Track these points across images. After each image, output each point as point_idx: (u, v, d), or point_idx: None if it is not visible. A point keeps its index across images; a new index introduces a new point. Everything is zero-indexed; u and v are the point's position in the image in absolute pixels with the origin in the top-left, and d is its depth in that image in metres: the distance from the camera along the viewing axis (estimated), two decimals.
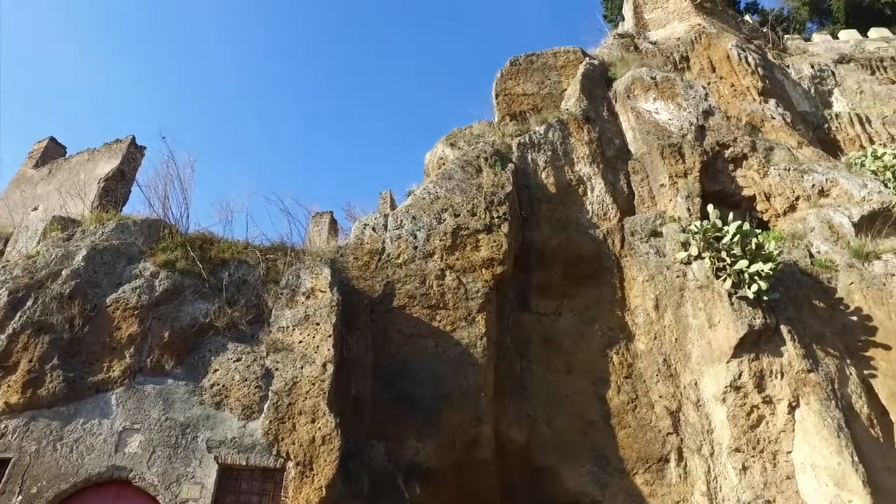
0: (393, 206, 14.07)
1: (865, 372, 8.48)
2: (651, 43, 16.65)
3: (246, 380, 7.14)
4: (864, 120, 15.65)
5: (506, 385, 8.65)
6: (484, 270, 8.92)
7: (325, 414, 6.81)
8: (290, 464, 6.57)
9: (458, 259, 9.02)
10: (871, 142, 14.94)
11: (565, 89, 13.77)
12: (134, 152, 13.92)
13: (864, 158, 12.95)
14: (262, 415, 6.89)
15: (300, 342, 7.47)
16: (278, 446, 6.66)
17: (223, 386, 7.11)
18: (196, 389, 7.06)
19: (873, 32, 21.09)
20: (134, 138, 13.96)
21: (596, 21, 27.58)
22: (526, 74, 14.27)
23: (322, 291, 8.01)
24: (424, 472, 7.42)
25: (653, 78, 13.17)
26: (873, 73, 17.90)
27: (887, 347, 8.58)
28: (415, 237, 9.25)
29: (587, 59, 14.57)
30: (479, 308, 8.54)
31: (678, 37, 16.83)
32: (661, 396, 8.69)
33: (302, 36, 74.52)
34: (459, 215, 9.48)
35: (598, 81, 13.82)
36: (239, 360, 7.36)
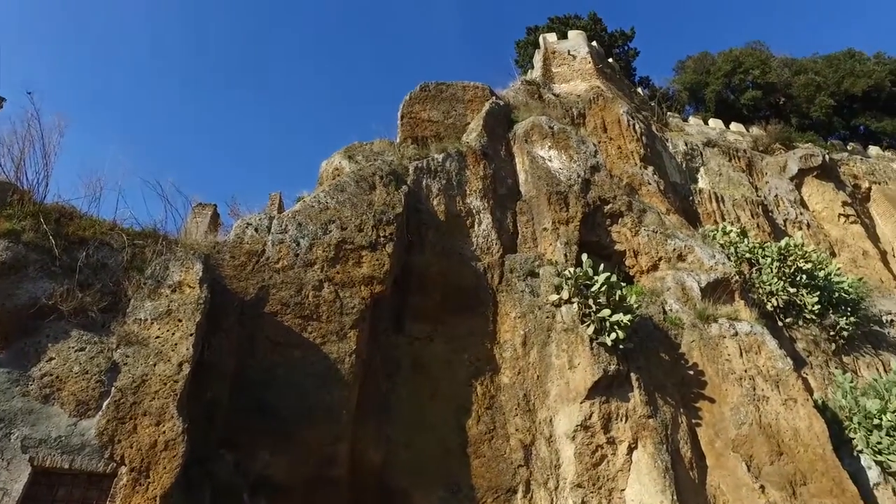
0: (281, 210, 13.60)
1: (693, 421, 9.42)
2: (554, 95, 17.76)
3: (87, 372, 6.44)
4: (719, 198, 17.69)
5: (369, 404, 8.55)
6: (363, 287, 8.85)
7: (172, 417, 6.31)
8: (124, 469, 5.96)
9: (338, 272, 8.88)
10: (723, 218, 16.92)
11: (469, 123, 14.23)
12: None
13: (716, 232, 14.62)
14: (100, 413, 6.23)
15: (157, 337, 6.90)
16: (112, 449, 6.03)
17: (57, 377, 6.37)
18: (21, 379, 6.25)
19: (734, 126, 24.14)
20: None
21: (507, 64, 28.97)
22: (434, 102, 14.58)
23: (190, 287, 7.49)
24: (273, 486, 7.10)
25: (551, 127, 13.99)
26: (730, 159, 20.39)
27: (712, 401, 9.62)
28: (298, 244, 8.99)
29: (494, 98, 15.20)
30: (353, 324, 8.43)
31: (579, 94, 18.11)
32: (517, 430, 9.02)
33: (218, 25, 70.91)
34: (346, 229, 9.36)
35: (501, 121, 14.44)
36: (82, 349, 6.64)
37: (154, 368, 6.59)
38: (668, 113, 23.80)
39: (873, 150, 25.50)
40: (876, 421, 10.16)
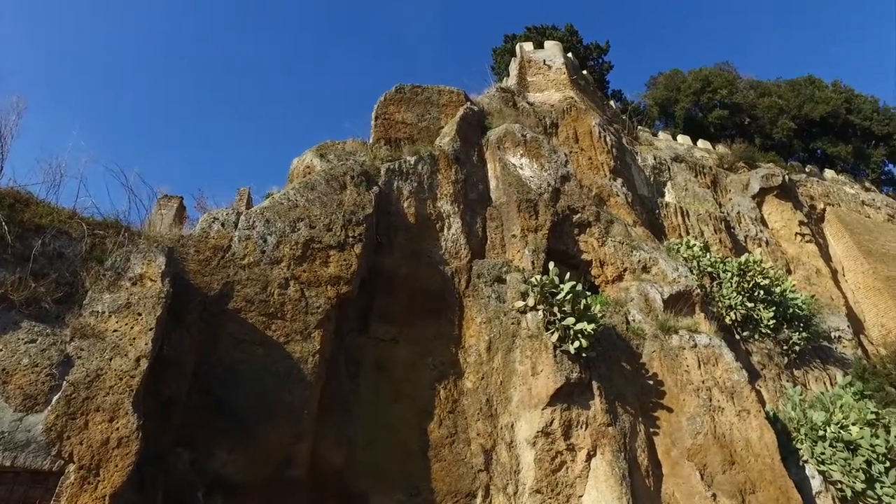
0: (249, 206, 13.39)
1: (651, 429, 9.62)
2: (528, 103, 17.95)
3: (37, 365, 6.19)
4: (685, 213, 18.14)
5: (331, 405, 8.48)
6: (329, 287, 8.78)
7: (127, 413, 6.12)
8: (72, 467, 5.73)
9: (305, 271, 8.79)
10: (688, 232, 17.35)
11: (443, 127, 14.27)
12: None
13: (680, 246, 14.99)
14: (49, 407, 5.99)
15: (115, 331, 6.69)
16: (61, 446, 5.80)
17: (3, 369, 6.10)
18: None
19: (701, 143, 24.84)
20: None
21: (483, 70, 29.11)
22: (408, 104, 14.58)
23: (152, 280, 7.29)
24: (230, 486, 6.95)
25: (524, 135, 14.13)
26: (696, 175, 20.95)
27: (671, 410, 9.84)
28: (265, 241, 8.86)
29: (469, 103, 15.28)
30: (318, 324, 8.35)
31: (553, 104, 18.35)
32: (478, 434, 9.06)
33: (194, 17, 69.43)
34: (315, 227, 9.28)
35: (475, 127, 14.52)
36: (33, 341, 6.38)
37: (110, 363, 6.39)
38: (639, 127, 24.32)
39: (829, 173, 26.56)
40: (821, 432, 10.57)
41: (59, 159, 8.35)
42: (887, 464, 9.90)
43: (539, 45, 22.18)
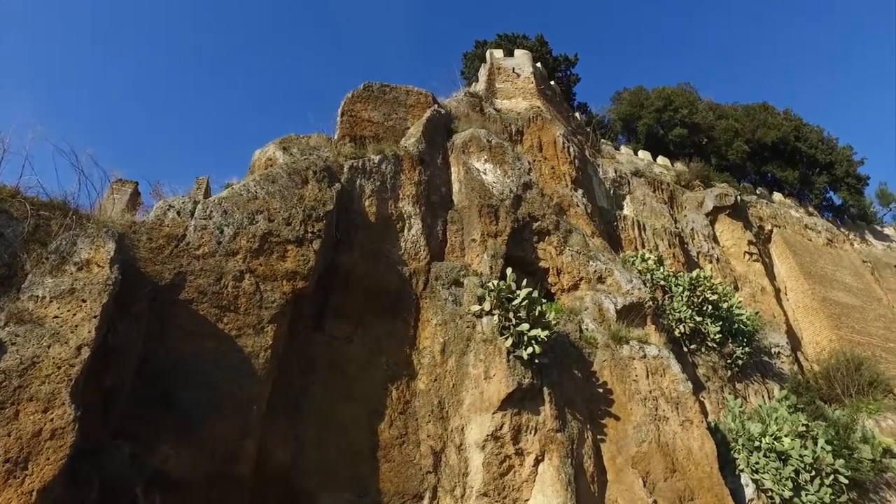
0: (207, 195, 13.07)
1: (598, 436, 9.82)
2: (496, 109, 18.11)
3: None
4: (642, 226, 18.61)
5: (281, 402, 8.34)
6: (285, 282, 8.63)
7: (64, 404, 5.84)
8: None
9: (261, 264, 8.62)
10: (644, 245, 17.80)
11: (409, 128, 14.25)
12: None
13: (635, 258, 15.37)
14: None
15: (55, 317, 6.39)
16: None
17: None
18: None
19: (660, 159, 25.57)
20: None
21: (452, 74, 29.23)
22: (376, 102, 14.51)
23: (100, 266, 7.01)
24: (171, 482, 6.72)
25: (489, 141, 14.24)
26: (655, 190, 21.53)
27: (618, 418, 10.07)
28: (221, 232, 8.65)
29: (436, 105, 15.31)
30: (272, 319, 8.20)
31: (519, 111, 18.56)
32: (428, 436, 9.06)
33: (168, 5, 67.39)
34: (274, 221, 9.12)
35: (441, 130, 14.55)
36: None
37: (48, 350, 6.10)
38: (602, 140, 24.82)
39: (777, 196, 27.73)
40: (757, 443, 11.04)
41: (3, 134, 7.93)
42: (813, 473, 10.47)
43: (509, 53, 22.41)
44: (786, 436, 10.91)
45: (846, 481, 10.48)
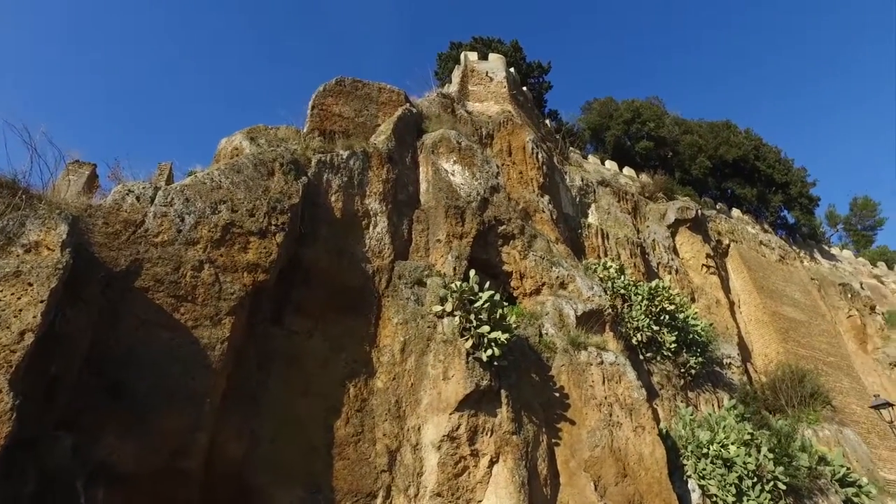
0: (170, 182, 12.74)
1: (553, 440, 9.95)
2: (467, 112, 18.17)
3: None
4: (605, 235, 18.95)
5: (237, 395, 8.17)
6: (246, 274, 8.48)
7: (2, 391, 5.59)
8: None
9: (222, 255, 8.44)
10: (606, 254, 18.13)
11: (379, 125, 14.17)
12: None
13: (597, 266, 15.63)
14: None
15: None
16: None
17: None
18: None
19: (626, 170, 26.11)
20: None
21: (426, 74, 29.18)
22: (347, 98, 14.38)
23: (50, 249, 6.74)
24: (115, 475, 6.50)
25: (459, 143, 14.28)
26: (619, 200, 21.98)
27: (573, 423, 10.23)
28: (182, 220, 8.44)
29: (408, 104, 15.27)
30: (230, 310, 8.03)
31: (491, 115, 18.67)
32: (384, 435, 9.03)
33: None
34: (237, 212, 8.94)
35: (411, 129, 14.52)
36: None
37: None
38: (571, 148, 25.19)
39: (735, 212, 28.66)
40: (705, 450, 11.37)
41: None
42: (755, 479, 10.89)
43: (484, 56, 22.52)
44: (732, 444, 11.27)
45: (784, 487, 10.93)
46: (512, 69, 23.28)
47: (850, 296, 27.01)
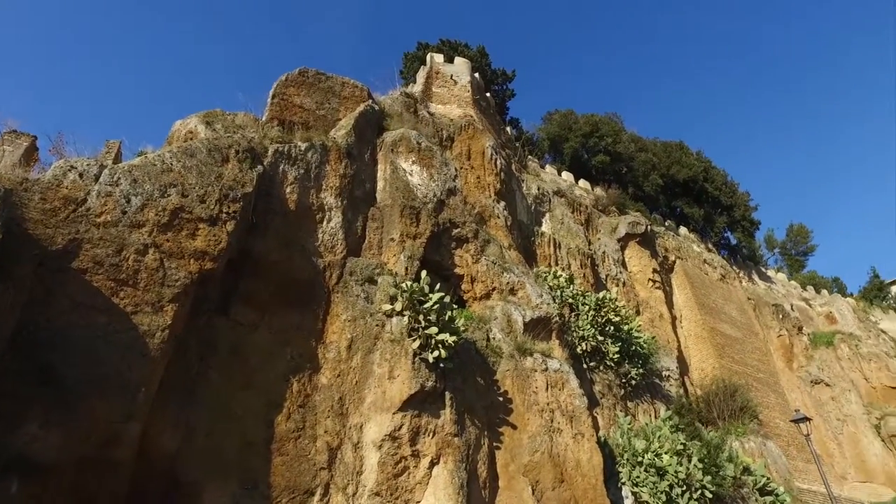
0: (118, 161, 12.24)
1: (494, 443, 10.07)
2: (429, 113, 18.19)
3: None
4: (557, 244, 19.31)
5: (175, 386, 7.93)
6: (193, 261, 8.23)
7: None
8: None
9: (168, 240, 8.16)
10: (557, 263, 18.48)
11: (340, 119, 14.03)
12: None
13: (548, 274, 15.91)
14: None
15: None
16: None
17: None
18: None
19: (582, 182, 26.70)
20: None
21: (391, 72, 29.06)
22: (309, 89, 14.18)
23: None
24: (34, 465, 6.16)
25: (419, 143, 14.29)
26: (573, 211, 22.45)
27: (515, 427, 10.38)
28: (128, 201, 8.12)
29: (371, 101, 15.18)
30: (174, 298, 7.78)
31: (453, 118, 18.75)
32: (326, 432, 8.93)
33: None
34: (188, 197, 8.67)
35: (372, 125, 14.43)
36: None
37: None
38: (529, 157, 25.56)
39: (682, 230, 29.73)
40: (640, 458, 11.75)
41: None
42: (684, 487, 11.32)
43: (450, 59, 22.61)
44: (666, 453, 11.68)
45: (710, 495, 11.42)
46: (477, 74, 23.45)
47: (781, 316, 28.45)
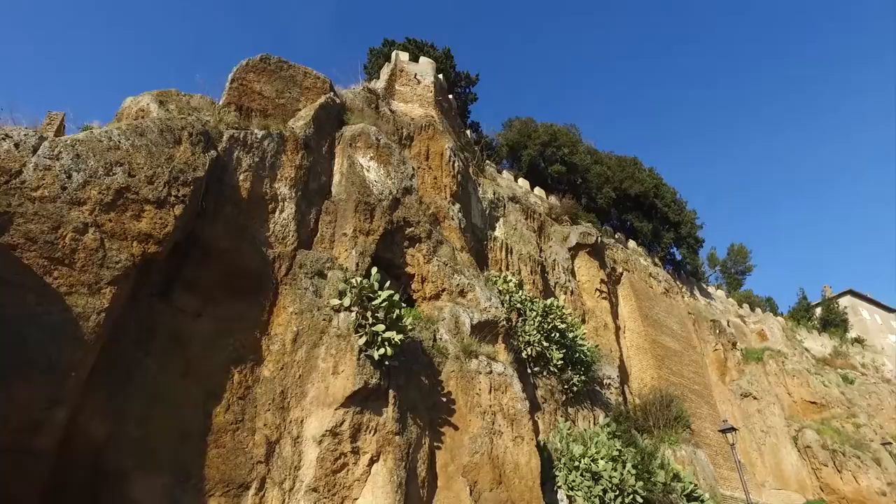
0: (60, 134, 11.68)
1: (435, 443, 10.14)
2: (391, 110, 18.14)
3: None
4: (510, 250, 19.59)
5: (108, 371, 7.62)
6: (136, 243, 7.93)
7: None
8: None
9: (111, 220, 7.84)
10: (508, 268, 18.74)
11: (300, 109, 13.83)
12: None
13: (498, 279, 16.12)
14: None
15: None
16: None
17: None
18: None
19: (537, 190, 27.16)
20: None
21: (355, 66, 28.83)
22: (270, 77, 13.91)
23: None
24: None
25: (378, 139, 14.24)
26: (527, 218, 22.81)
27: (456, 428, 10.48)
28: (69, 177, 7.76)
29: (332, 93, 15.02)
30: (113, 280, 7.48)
31: (414, 117, 18.74)
32: (265, 425, 8.79)
33: None
34: (135, 177, 8.36)
35: (333, 118, 14.29)
36: None
37: None
38: (487, 161, 25.80)
39: (631, 243, 30.65)
40: (577, 463, 12.07)
41: None
42: (617, 492, 11.71)
43: (415, 58, 22.59)
44: (602, 458, 12.04)
45: (641, 500, 11.83)
46: (441, 75, 23.51)
47: (717, 331, 29.75)
